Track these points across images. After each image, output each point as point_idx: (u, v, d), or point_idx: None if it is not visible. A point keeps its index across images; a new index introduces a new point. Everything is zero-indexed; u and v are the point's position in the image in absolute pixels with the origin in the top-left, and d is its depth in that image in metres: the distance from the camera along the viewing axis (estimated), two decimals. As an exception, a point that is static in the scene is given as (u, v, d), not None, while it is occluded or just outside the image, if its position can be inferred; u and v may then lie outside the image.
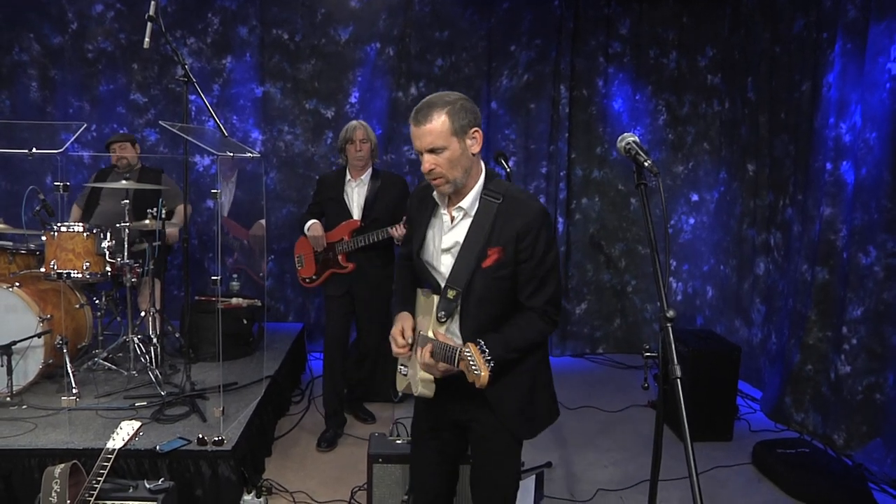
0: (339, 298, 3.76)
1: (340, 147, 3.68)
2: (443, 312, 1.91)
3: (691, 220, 5.53)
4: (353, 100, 5.22)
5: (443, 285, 1.91)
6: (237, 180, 5.21)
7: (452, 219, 1.93)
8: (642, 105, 5.43)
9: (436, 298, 1.94)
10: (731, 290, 5.08)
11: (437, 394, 1.96)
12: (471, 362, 1.74)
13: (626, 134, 1.74)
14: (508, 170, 3.61)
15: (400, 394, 1.74)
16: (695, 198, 5.50)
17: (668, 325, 1.48)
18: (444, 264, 1.93)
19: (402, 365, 2.11)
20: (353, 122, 3.66)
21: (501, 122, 5.33)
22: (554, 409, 2.09)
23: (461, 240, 1.89)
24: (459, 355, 1.78)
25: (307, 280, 3.83)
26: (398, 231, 3.54)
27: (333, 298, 3.78)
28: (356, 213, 3.70)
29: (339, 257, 3.70)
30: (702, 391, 3.79)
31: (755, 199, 4.73)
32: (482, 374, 1.71)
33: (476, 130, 1.85)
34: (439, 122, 1.79)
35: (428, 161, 1.83)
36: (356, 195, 3.71)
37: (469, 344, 1.79)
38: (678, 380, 1.41)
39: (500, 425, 1.96)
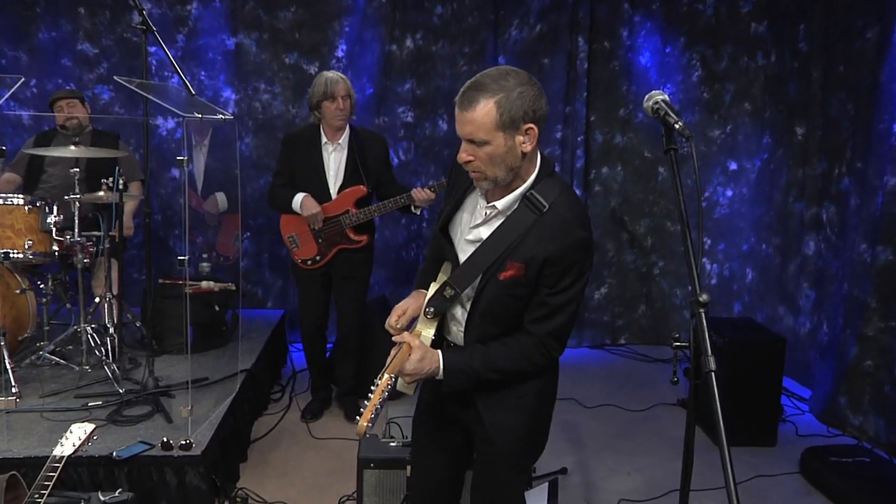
0: (316, 279, 3.79)
1: (315, 104, 3.64)
2: (431, 309, 1.93)
3: (729, 192, 5.49)
4: (339, 53, 5.17)
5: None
6: (207, 146, 5.18)
7: (486, 213, 1.89)
8: (673, 59, 5.36)
9: (435, 286, 1.94)
10: (774, 272, 5.05)
11: (438, 391, 1.97)
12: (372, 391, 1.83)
13: (654, 92, 1.70)
14: None
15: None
16: (733, 166, 5.45)
17: (701, 311, 1.46)
18: (465, 253, 1.91)
19: None
20: (330, 74, 3.63)
21: (510, 80, 5.29)
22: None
23: (485, 238, 1.86)
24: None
25: (309, 262, 3.84)
26: (424, 195, 3.54)
27: (309, 278, 3.79)
28: (332, 184, 3.70)
29: (348, 231, 3.73)
30: (740, 388, 3.78)
31: (804, 167, 4.68)
32: (361, 422, 1.77)
33: (531, 127, 1.75)
34: (483, 111, 1.72)
35: (465, 151, 1.78)
36: (332, 161, 3.70)
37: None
38: (712, 374, 1.40)
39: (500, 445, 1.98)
